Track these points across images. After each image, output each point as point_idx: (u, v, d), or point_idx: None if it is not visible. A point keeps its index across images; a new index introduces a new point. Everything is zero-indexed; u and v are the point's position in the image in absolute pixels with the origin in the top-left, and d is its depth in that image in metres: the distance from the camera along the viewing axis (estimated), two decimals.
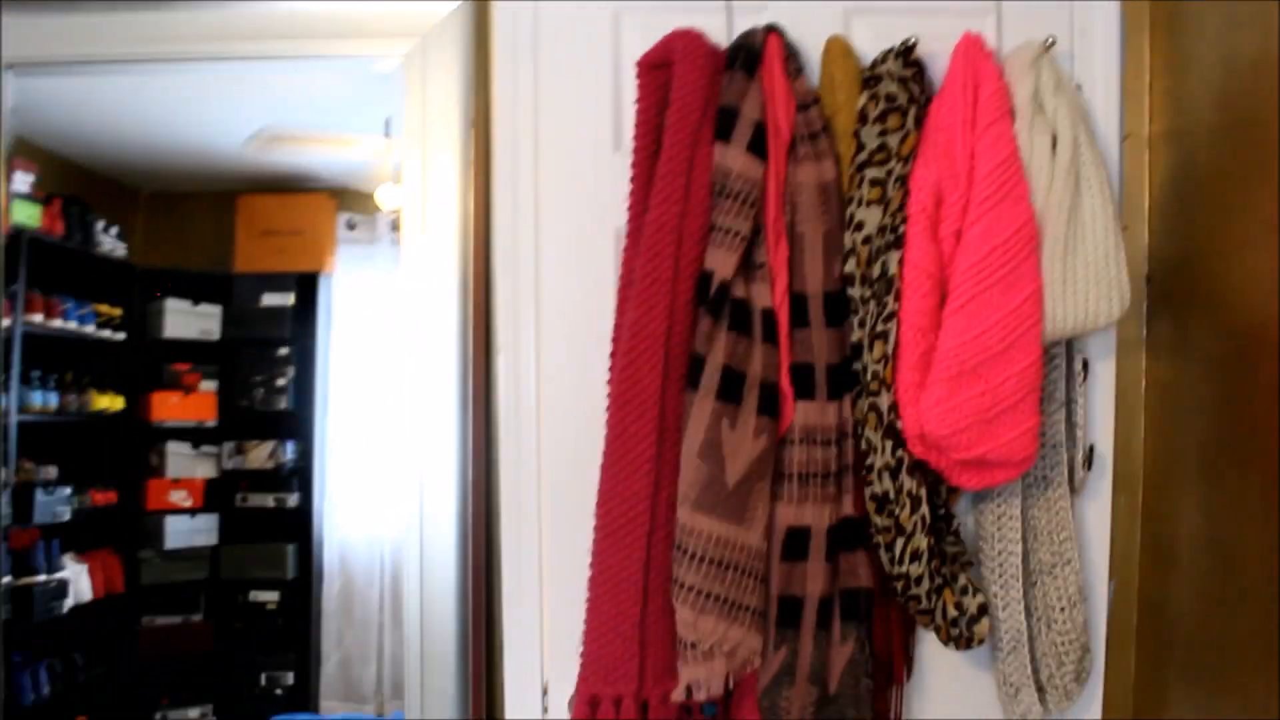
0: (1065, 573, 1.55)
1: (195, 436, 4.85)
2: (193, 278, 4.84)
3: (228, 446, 4.87)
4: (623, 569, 1.46)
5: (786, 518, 1.43)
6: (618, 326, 1.48)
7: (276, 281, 4.71)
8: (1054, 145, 1.43)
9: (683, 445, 1.40)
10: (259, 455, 4.85)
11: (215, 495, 4.85)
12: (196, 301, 4.84)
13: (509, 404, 1.65)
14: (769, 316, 1.41)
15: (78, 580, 4.34)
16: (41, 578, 4.08)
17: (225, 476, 4.87)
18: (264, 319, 4.80)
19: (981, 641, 1.51)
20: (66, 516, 4.27)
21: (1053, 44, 1.50)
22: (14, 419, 3.98)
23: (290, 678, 4.67)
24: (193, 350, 4.83)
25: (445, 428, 1.66)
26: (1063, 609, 1.54)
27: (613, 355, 1.48)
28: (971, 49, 1.45)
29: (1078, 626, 1.54)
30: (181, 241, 4.99)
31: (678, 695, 1.42)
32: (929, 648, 1.64)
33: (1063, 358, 1.53)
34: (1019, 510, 1.52)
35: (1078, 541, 1.56)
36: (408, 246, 1.65)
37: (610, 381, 1.47)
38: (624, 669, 1.47)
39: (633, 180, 1.48)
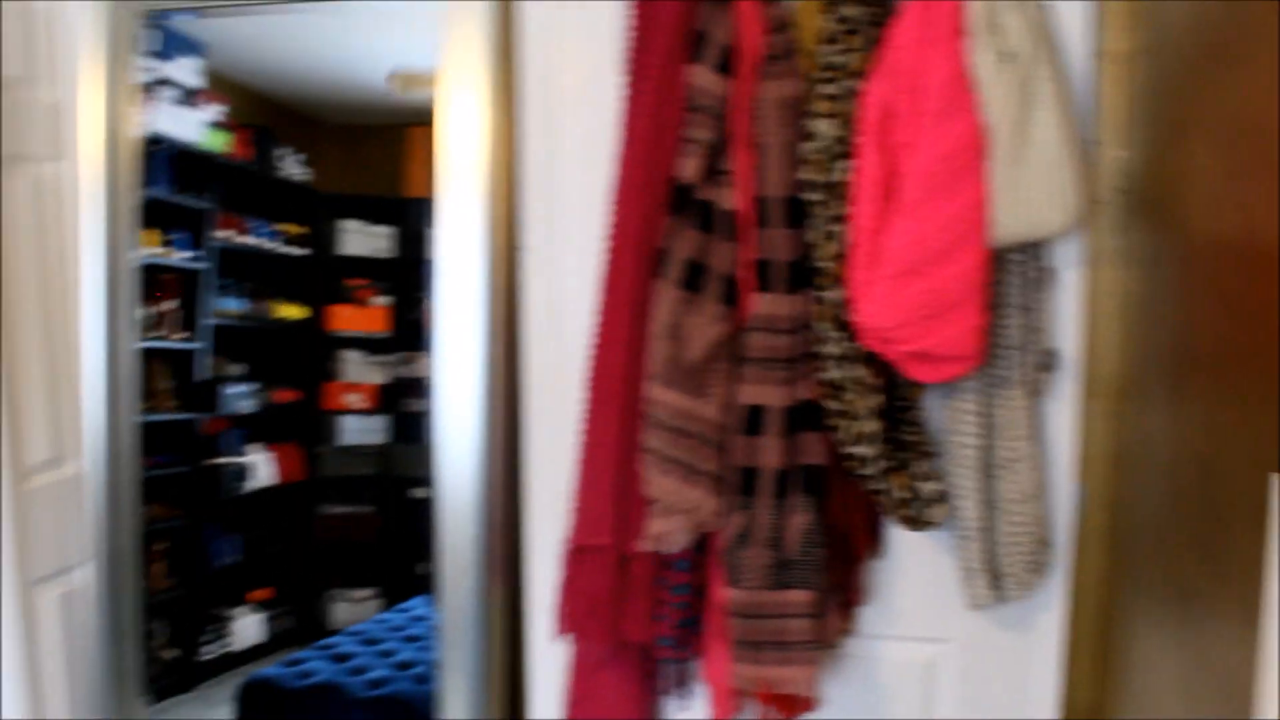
0: (1021, 468, 1.66)
1: (368, 345, 5.30)
2: (368, 201, 5.27)
3: (397, 356, 5.31)
4: (604, 435, 1.68)
5: (746, 396, 1.61)
6: (607, 228, 1.68)
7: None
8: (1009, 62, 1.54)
9: (650, 328, 1.60)
10: (423, 364, 5.26)
11: (385, 399, 5.31)
12: (371, 223, 5.28)
13: (536, 295, 1.89)
14: (731, 216, 1.59)
15: (264, 467, 4.87)
16: (228, 460, 4.61)
17: (395, 383, 5.32)
18: (430, 240, 5.17)
19: (933, 525, 1.66)
20: (251, 409, 4.79)
21: None
22: (210, 322, 4.49)
23: None
24: (367, 267, 5.28)
25: (475, 318, 1.91)
26: (1018, 502, 1.66)
27: (603, 253, 1.69)
28: None
29: (1033, 520, 1.66)
30: (359, 168, 5.42)
31: (644, 545, 1.64)
32: (902, 532, 1.78)
33: (1021, 264, 1.64)
34: (974, 405, 1.64)
35: (1038, 440, 1.67)
36: (444, 164, 1.89)
37: (601, 275, 1.68)
38: (605, 523, 1.69)
39: (624, 99, 1.67)
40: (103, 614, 2.30)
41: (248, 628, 4.80)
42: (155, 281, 4.19)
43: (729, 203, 1.59)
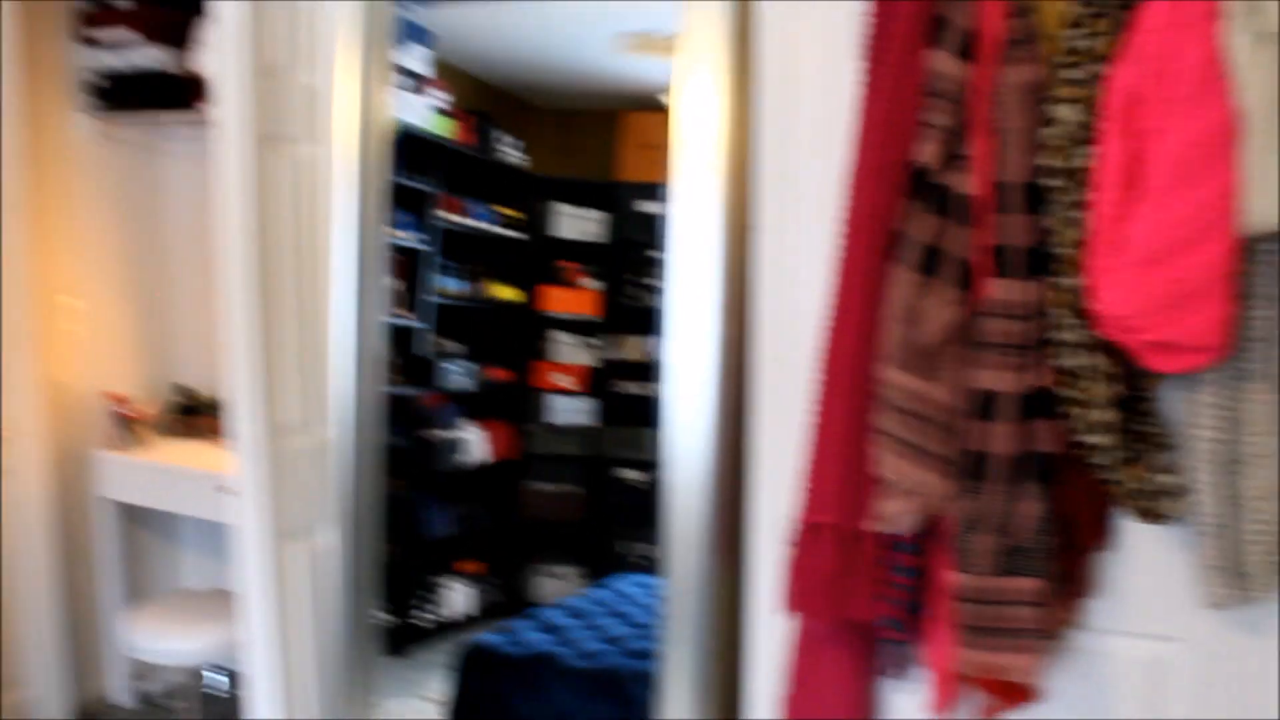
0: (1265, 465, 1.61)
1: (578, 328, 5.45)
2: (581, 185, 5.41)
3: (606, 339, 5.44)
4: (835, 415, 1.71)
5: (979, 380, 1.62)
6: (843, 210, 1.71)
7: (651, 190, 5.18)
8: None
9: (885, 310, 1.63)
10: (632, 348, 5.38)
11: (595, 381, 5.45)
12: (584, 206, 5.42)
13: (769, 275, 1.93)
14: (968, 202, 1.59)
15: (478, 442, 5.08)
16: (443, 433, 4.84)
17: (604, 365, 5.46)
18: (640, 224, 5.29)
19: (1168, 519, 1.63)
20: (469, 387, 5.00)
21: None
22: (431, 300, 4.71)
23: (648, 549, 5.21)
24: (579, 250, 5.42)
25: (707, 297, 1.97)
26: (1262, 499, 1.61)
27: (838, 235, 1.72)
28: None
29: (1276, 519, 1.61)
30: (572, 153, 5.58)
31: (870, 525, 1.67)
32: (1137, 525, 1.75)
33: (1271, 254, 1.58)
34: (1215, 398, 1.60)
35: None
36: (680, 145, 1.96)
37: (835, 257, 1.71)
38: (835, 502, 1.73)
39: (862, 84, 1.70)
40: (346, 573, 2.47)
41: (456, 597, 5.02)
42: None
43: (966, 188, 1.59)
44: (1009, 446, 1.62)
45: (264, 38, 2.30)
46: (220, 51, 2.24)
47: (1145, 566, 1.77)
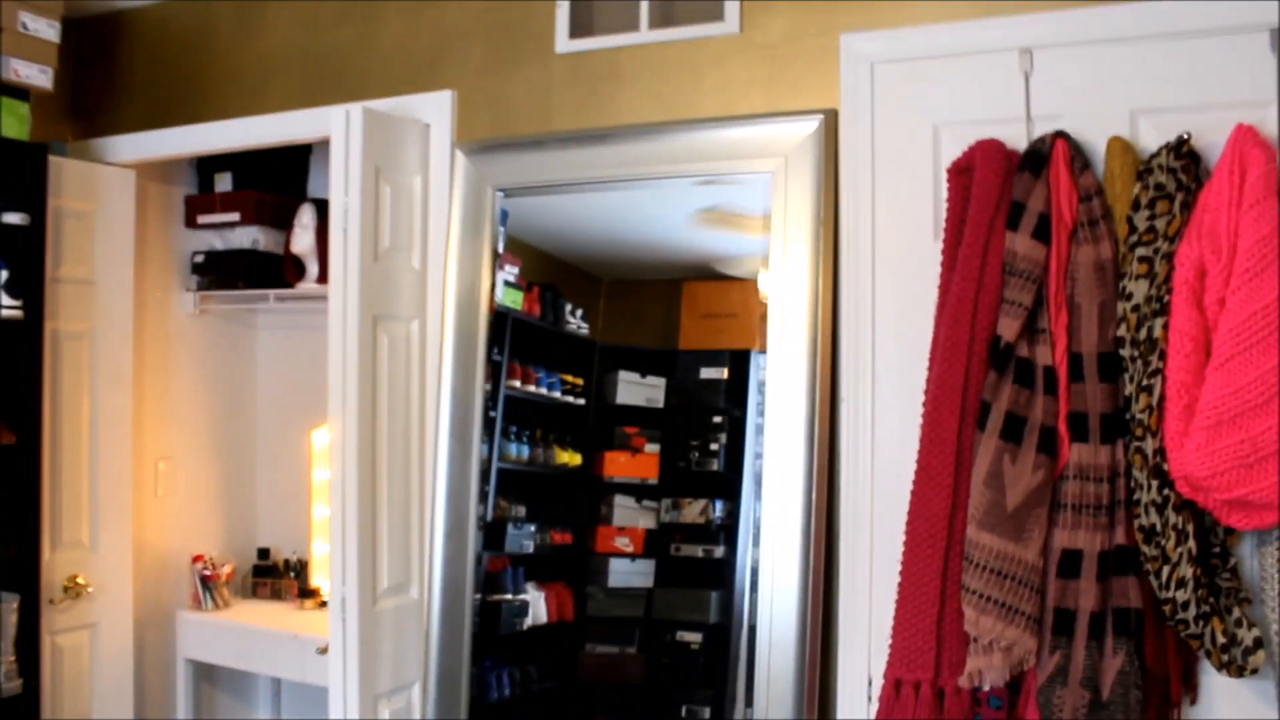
0: None
1: (638, 492, 5.53)
2: (642, 353, 5.56)
3: (665, 502, 5.51)
4: (924, 575, 1.80)
5: (1062, 540, 1.71)
6: (928, 381, 1.83)
7: (712, 358, 5.31)
8: None
9: (972, 476, 1.73)
10: (692, 511, 5.43)
11: (653, 544, 5.49)
12: (644, 374, 5.57)
13: (849, 442, 2.05)
14: (1048, 372, 1.71)
15: (536, 605, 5.11)
16: (509, 596, 4.89)
17: (662, 528, 5.51)
18: (701, 390, 5.40)
19: (1254, 671, 1.69)
20: (530, 549, 5.06)
21: None
22: (495, 465, 4.82)
23: (707, 712, 5.17)
24: (640, 415, 5.54)
25: (795, 463, 2.07)
26: None
27: (923, 404, 1.83)
28: (1243, 137, 1.65)
29: None
30: (634, 322, 5.76)
31: (963, 681, 1.73)
32: (1219, 678, 1.80)
33: None
34: None
35: None
36: (773, 321, 2.10)
37: (921, 425, 1.83)
38: (923, 659, 1.80)
39: (941, 264, 1.84)
40: None
41: None
42: None
43: (1046, 359, 1.71)
44: (1093, 603, 1.70)
45: (379, 224, 2.50)
46: (336, 237, 2.42)
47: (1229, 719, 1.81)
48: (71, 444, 3.12)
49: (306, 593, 3.59)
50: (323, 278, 3.45)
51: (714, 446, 5.44)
